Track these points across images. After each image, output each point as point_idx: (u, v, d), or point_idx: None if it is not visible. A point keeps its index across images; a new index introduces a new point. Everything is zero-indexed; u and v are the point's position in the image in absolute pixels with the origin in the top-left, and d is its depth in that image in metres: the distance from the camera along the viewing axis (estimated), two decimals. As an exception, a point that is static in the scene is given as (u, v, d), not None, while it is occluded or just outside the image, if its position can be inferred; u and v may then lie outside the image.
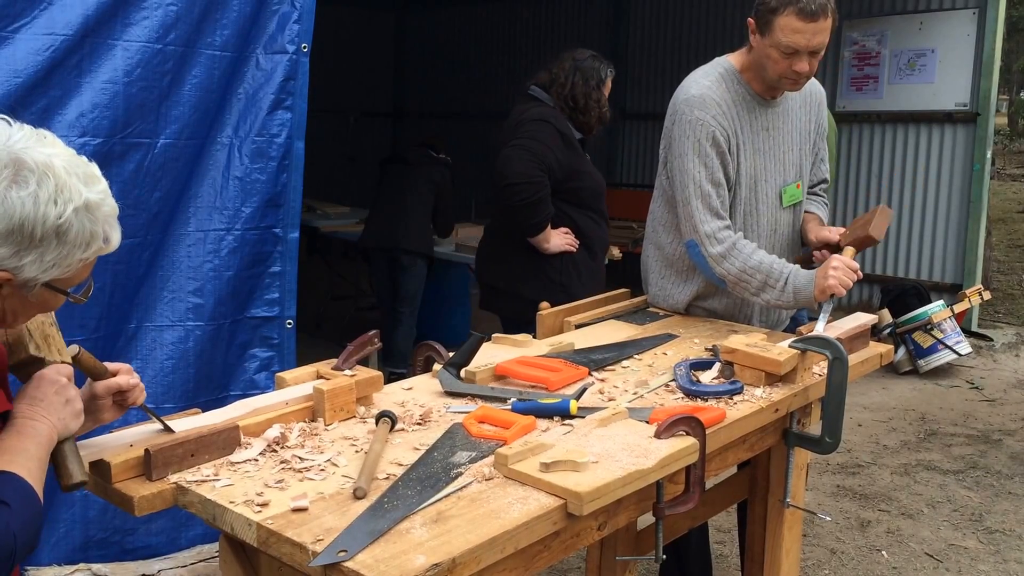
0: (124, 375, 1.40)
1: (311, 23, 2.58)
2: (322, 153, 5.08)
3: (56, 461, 1.26)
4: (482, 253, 3.33)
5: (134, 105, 2.36)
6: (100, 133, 2.32)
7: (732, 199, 2.24)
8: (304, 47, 2.57)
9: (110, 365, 1.40)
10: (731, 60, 2.26)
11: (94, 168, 1.21)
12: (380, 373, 1.70)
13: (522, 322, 2.69)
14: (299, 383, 1.68)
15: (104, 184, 1.21)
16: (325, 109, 5.11)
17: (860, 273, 2.12)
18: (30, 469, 1.18)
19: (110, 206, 1.21)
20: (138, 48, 2.33)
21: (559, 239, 3.07)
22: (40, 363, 1.29)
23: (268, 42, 2.55)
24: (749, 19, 2.14)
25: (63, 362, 1.31)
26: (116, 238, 1.22)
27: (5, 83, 2.17)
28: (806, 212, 2.44)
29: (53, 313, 1.33)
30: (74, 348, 1.33)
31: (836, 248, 2.26)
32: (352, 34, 9.80)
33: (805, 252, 2.41)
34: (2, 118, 1.17)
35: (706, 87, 2.20)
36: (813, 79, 2.37)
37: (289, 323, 2.73)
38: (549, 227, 3.04)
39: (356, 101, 10.01)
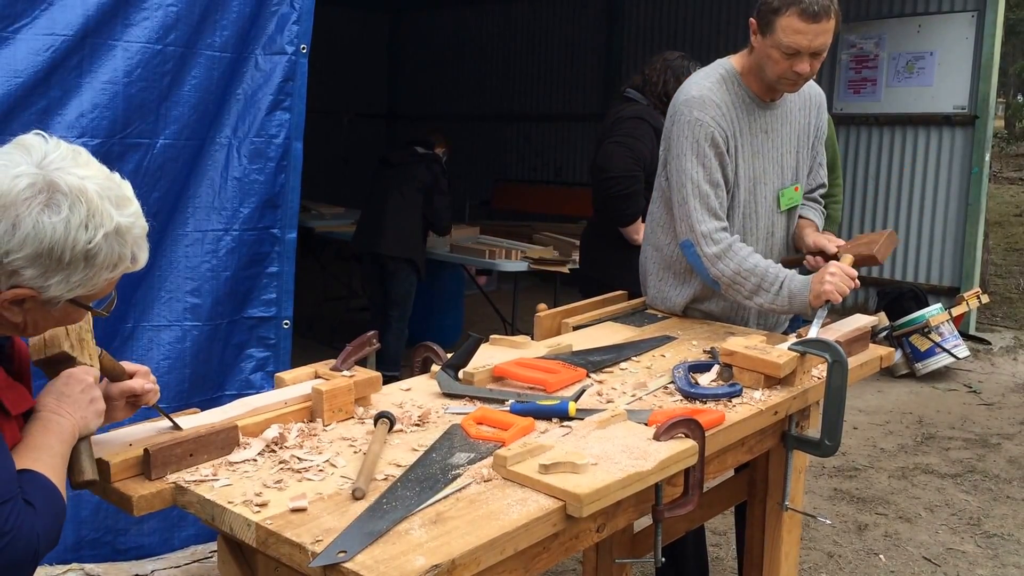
0: (141, 378, 1.42)
1: (310, 24, 2.58)
2: (316, 154, 5.07)
3: (71, 457, 1.28)
4: (582, 245, 3.61)
5: (134, 105, 2.35)
6: (99, 133, 2.31)
7: (731, 202, 2.23)
8: (303, 48, 2.57)
9: (128, 366, 1.42)
10: (732, 62, 2.26)
11: (126, 189, 1.21)
12: (378, 374, 1.70)
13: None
14: (297, 383, 1.68)
15: (136, 206, 1.21)
16: (319, 110, 5.11)
17: (857, 282, 2.11)
18: (54, 466, 1.20)
19: (140, 227, 1.22)
20: (138, 49, 2.33)
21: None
22: (71, 362, 1.31)
23: (267, 43, 2.55)
24: (751, 19, 2.14)
25: (92, 367, 1.33)
26: (143, 257, 1.23)
27: (5, 83, 2.16)
28: (801, 218, 2.43)
29: (91, 320, 1.36)
30: (95, 349, 1.36)
31: (832, 258, 2.24)
32: (346, 36, 9.80)
33: (797, 255, 2.40)
34: (38, 134, 1.17)
35: (706, 88, 2.20)
36: (812, 81, 2.38)
37: (286, 323, 2.73)
38: (640, 220, 3.21)
39: (350, 102, 10.02)
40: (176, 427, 1.45)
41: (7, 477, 1.11)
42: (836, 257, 2.23)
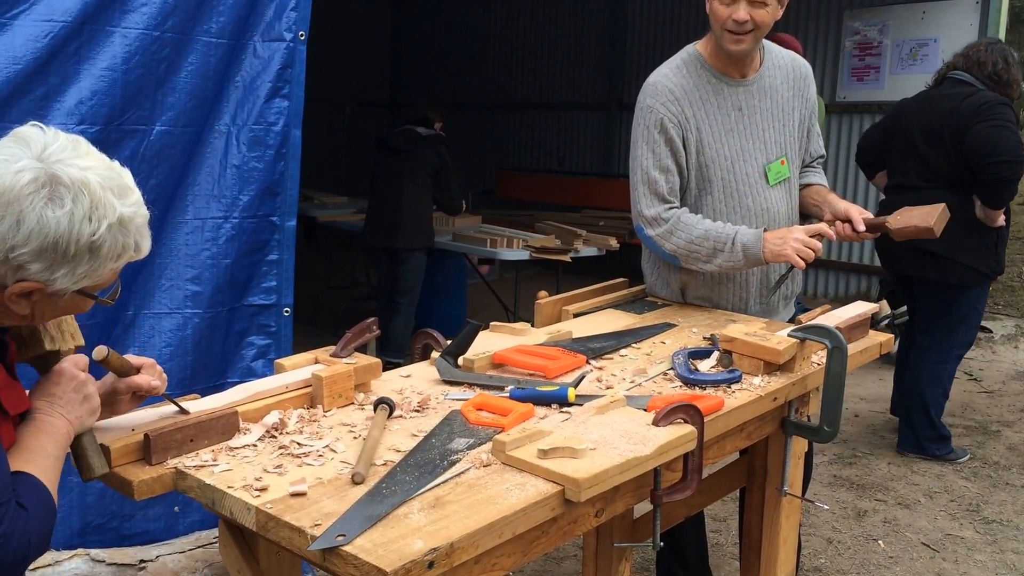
0: (147, 370, 1.42)
1: (308, 10, 2.56)
2: (318, 143, 5.06)
3: (76, 455, 1.27)
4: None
5: (131, 92, 2.34)
6: (99, 120, 2.31)
7: (705, 183, 2.25)
8: (301, 35, 2.55)
9: (134, 359, 1.42)
10: (696, 46, 2.29)
11: (127, 178, 1.21)
12: (378, 360, 1.71)
13: (952, 286, 3.61)
14: (297, 369, 1.68)
15: (137, 195, 1.21)
16: (321, 99, 5.09)
17: (819, 250, 2.13)
18: (46, 468, 1.19)
19: (142, 216, 1.22)
20: (136, 35, 2.32)
21: (1002, 215, 3.61)
22: (56, 356, 1.30)
23: (265, 29, 2.53)
24: None
25: (77, 347, 1.31)
26: (146, 246, 1.24)
27: (4, 70, 2.16)
28: (817, 184, 2.43)
29: None
30: (103, 350, 1.34)
31: (877, 228, 2.25)
32: (348, 23, 9.76)
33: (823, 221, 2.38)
34: (35, 125, 1.17)
35: (662, 75, 2.25)
36: (795, 55, 2.38)
37: (287, 311, 2.73)
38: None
39: (352, 91, 9.99)
40: (183, 412, 1.46)
41: (2, 480, 1.11)
42: (884, 227, 2.24)
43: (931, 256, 3.62)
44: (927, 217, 2.22)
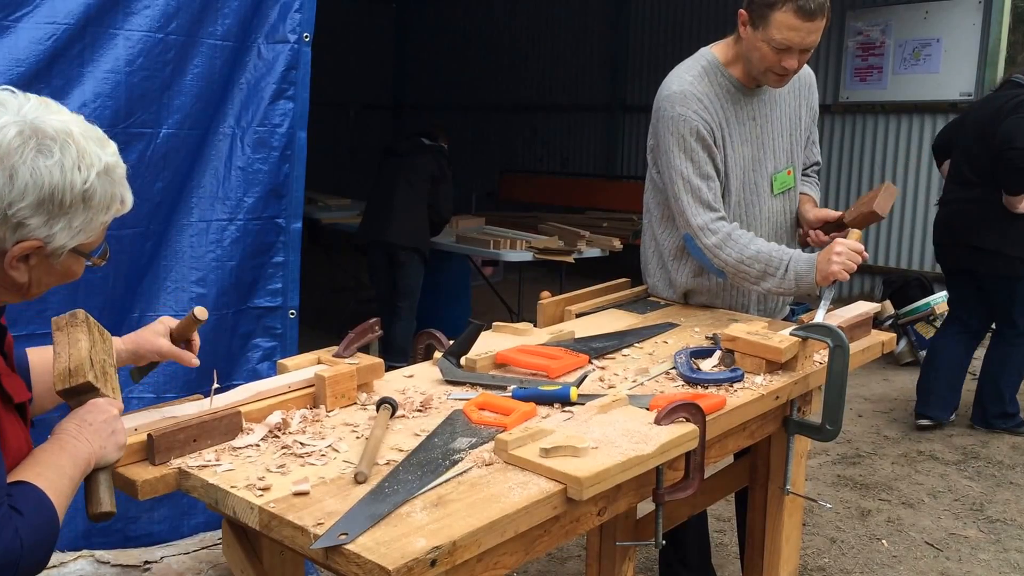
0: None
1: (312, 12, 2.57)
2: (322, 146, 5.07)
3: (89, 488, 1.27)
4: (965, 218, 3.92)
5: (136, 95, 2.36)
6: (103, 123, 2.30)
7: (725, 192, 2.24)
8: (306, 36, 2.56)
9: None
10: (715, 52, 2.25)
11: (100, 130, 1.25)
12: (381, 360, 1.71)
13: (1000, 276, 3.86)
14: (300, 369, 1.69)
15: (114, 146, 1.25)
16: (325, 102, 5.10)
17: (866, 254, 2.13)
18: (59, 487, 1.18)
19: (122, 167, 1.25)
20: (140, 37, 2.33)
21: None
22: (95, 392, 1.31)
23: (270, 31, 2.54)
24: (741, 10, 2.12)
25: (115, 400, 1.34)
26: (130, 198, 1.27)
27: (7, 72, 2.17)
28: (801, 194, 2.43)
29: (114, 355, 1.39)
30: (203, 311, 1.50)
31: (840, 225, 2.26)
32: (352, 26, 9.79)
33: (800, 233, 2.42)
34: (7, 89, 1.18)
35: (687, 82, 2.20)
36: None
37: (292, 313, 2.73)
38: None
39: (356, 94, 10.01)
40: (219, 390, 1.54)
41: None
42: (842, 222, 2.24)
43: (980, 251, 3.87)
44: (869, 203, 2.23)
